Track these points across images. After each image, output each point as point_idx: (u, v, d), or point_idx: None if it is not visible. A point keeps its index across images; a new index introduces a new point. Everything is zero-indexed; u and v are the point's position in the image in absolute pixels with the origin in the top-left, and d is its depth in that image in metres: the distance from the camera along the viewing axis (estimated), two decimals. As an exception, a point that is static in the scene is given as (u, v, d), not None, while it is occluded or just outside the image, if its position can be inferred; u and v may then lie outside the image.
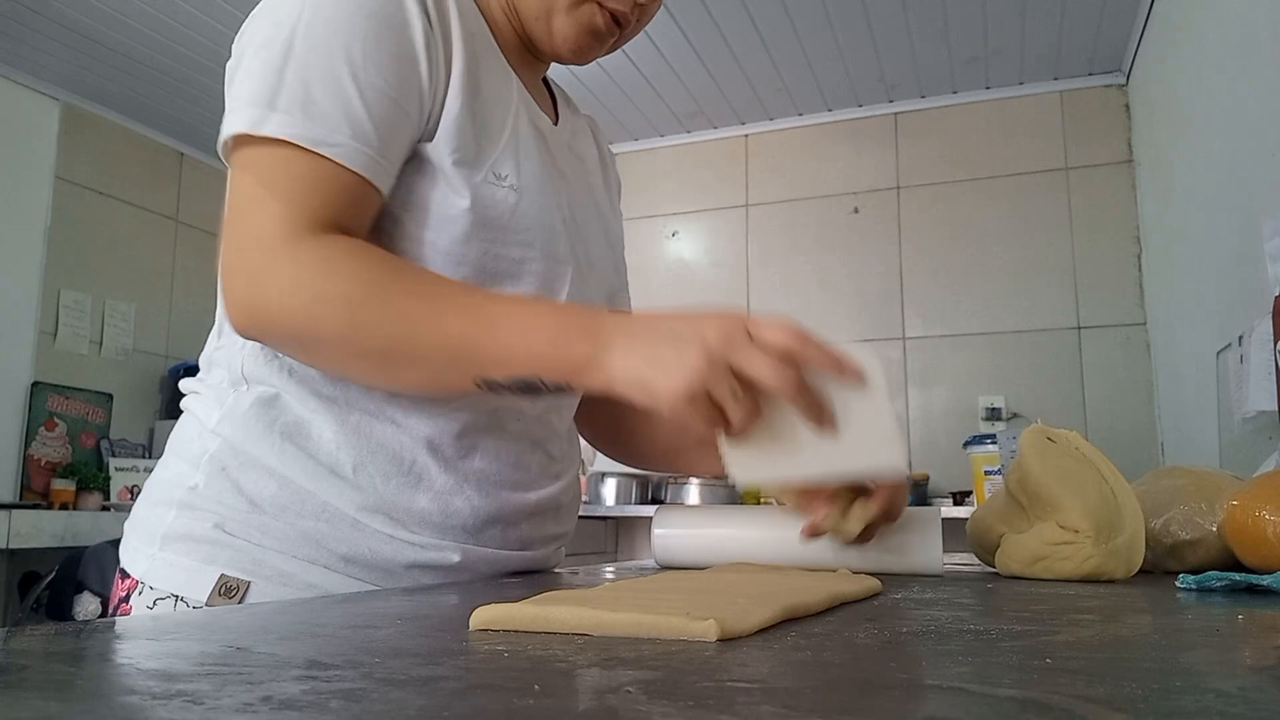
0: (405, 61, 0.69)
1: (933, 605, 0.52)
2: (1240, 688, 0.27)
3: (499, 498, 0.77)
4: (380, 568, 0.71)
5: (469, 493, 0.75)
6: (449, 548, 0.74)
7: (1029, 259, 3.19)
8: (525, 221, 0.76)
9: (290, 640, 0.35)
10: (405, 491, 0.72)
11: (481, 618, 0.40)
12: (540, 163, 0.79)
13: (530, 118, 0.80)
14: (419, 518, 0.73)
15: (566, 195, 0.82)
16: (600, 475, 3.03)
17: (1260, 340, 1.64)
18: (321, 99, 0.65)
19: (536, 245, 0.77)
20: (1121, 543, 0.70)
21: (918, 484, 2.97)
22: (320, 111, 0.65)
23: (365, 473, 0.71)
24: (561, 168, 0.83)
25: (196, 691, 0.26)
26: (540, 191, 0.78)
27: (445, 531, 0.74)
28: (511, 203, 0.75)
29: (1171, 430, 2.79)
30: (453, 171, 0.72)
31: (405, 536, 0.72)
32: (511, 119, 0.77)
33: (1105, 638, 0.39)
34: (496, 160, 0.75)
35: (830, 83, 3.30)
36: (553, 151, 0.83)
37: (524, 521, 0.80)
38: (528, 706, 0.25)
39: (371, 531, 0.71)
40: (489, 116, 0.75)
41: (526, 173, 0.77)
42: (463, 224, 0.72)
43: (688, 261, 3.63)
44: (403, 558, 0.72)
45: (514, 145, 0.76)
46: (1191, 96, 2.35)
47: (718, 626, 0.36)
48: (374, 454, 0.72)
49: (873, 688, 0.27)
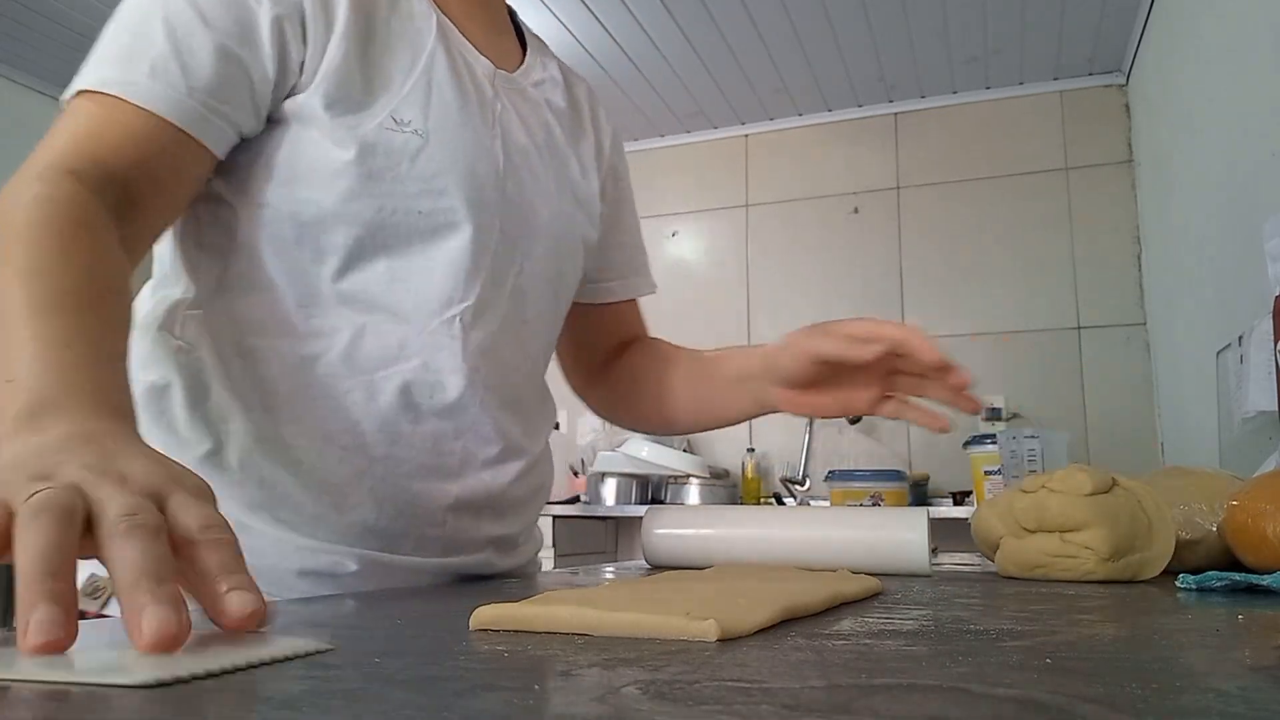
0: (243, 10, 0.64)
1: (933, 605, 0.52)
2: (1240, 688, 0.27)
3: (408, 491, 0.69)
4: (266, 574, 0.52)
5: (370, 485, 0.67)
6: (342, 553, 0.67)
7: (1029, 259, 3.19)
8: (433, 168, 0.69)
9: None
10: (294, 487, 0.66)
11: (481, 618, 0.40)
12: (461, 106, 0.73)
13: (455, 59, 0.74)
14: (311, 518, 0.66)
15: (503, 142, 0.76)
16: (600, 475, 3.03)
17: (1260, 340, 1.64)
18: (132, 46, 0.62)
19: (453, 193, 0.70)
20: (1135, 559, 0.70)
21: (918, 484, 2.97)
22: (124, 57, 0.62)
23: (250, 466, 0.65)
24: (504, 114, 0.77)
25: (196, 692, 0.26)
26: (457, 135, 0.71)
27: (341, 533, 0.67)
28: (414, 148, 0.69)
29: (1171, 430, 2.79)
30: (333, 123, 0.66)
31: (293, 539, 0.66)
32: (425, 60, 0.72)
33: (1105, 638, 0.39)
34: (399, 105, 0.69)
35: (830, 83, 3.30)
36: (495, 95, 0.77)
37: (447, 520, 0.72)
38: (528, 706, 0.25)
39: (257, 533, 0.64)
40: (388, 61, 0.70)
41: (438, 116, 0.71)
42: (348, 179, 0.66)
43: (688, 261, 3.63)
44: (290, 564, 0.65)
45: (424, 88, 0.71)
46: (1191, 96, 2.35)
47: (718, 626, 0.36)
48: (260, 443, 0.66)
49: (873, 688, 0.27)
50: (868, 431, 3.26)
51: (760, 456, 3.31)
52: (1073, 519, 0.70)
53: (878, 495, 2.68)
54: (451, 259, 0.71)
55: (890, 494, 2.70)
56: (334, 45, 0.67)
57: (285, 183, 0.67)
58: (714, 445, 3.38)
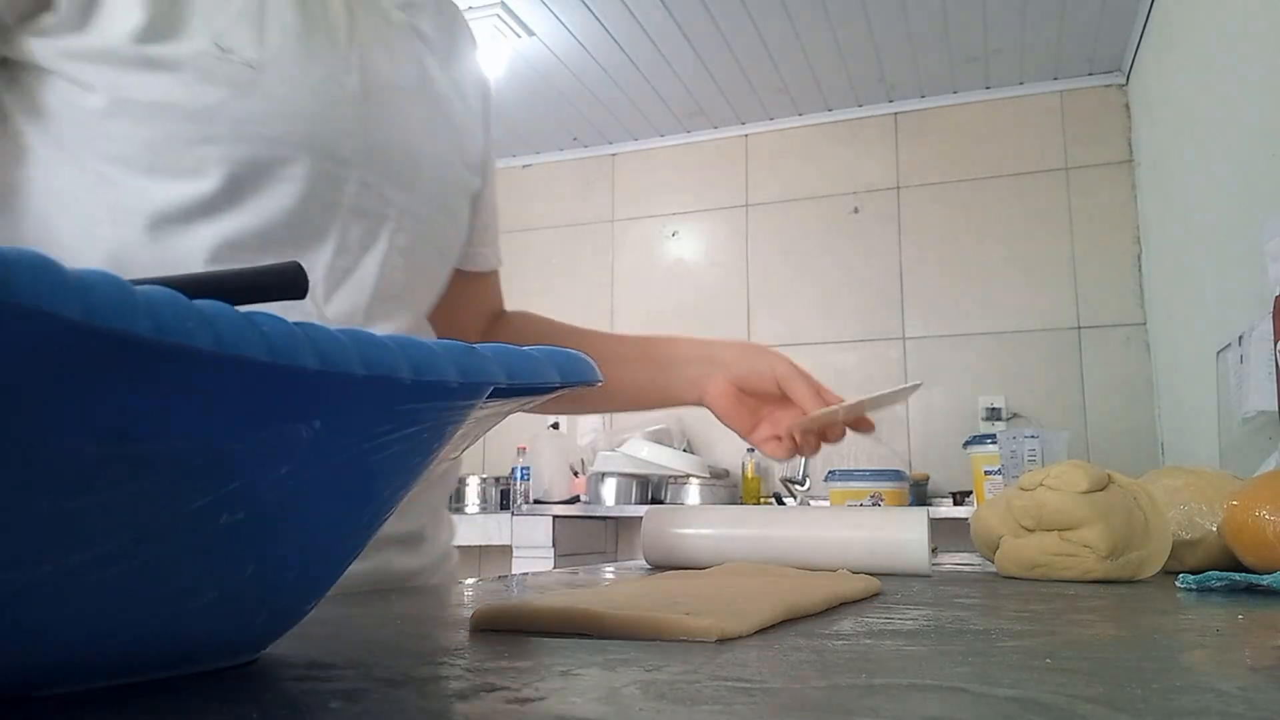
0: None
1: (933, 605, 0.52)
2: (1240, 688, 0.27)
3: None
4: None
5: None
6: None
7: (1029, 259, 3.19)
8: (269, 108, 0.58)
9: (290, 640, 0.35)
10: None
11: (481, 618, 0.40)
12: (305, 29, 0.61)
13: None
14: None
15: (362, 75, 0.64)
16: (600, 475, 3.03)
17: (1260, 340, 1.64)
18: None
19: (292, 139, 0.59)
20: (1134, 557, 0.70)
21: (918, 484, 2.97)
22: None
23: None
24: (364, 41, 0.65)
25: (196, 692, 0.26)
26: (301, 67, 0.60)
27: None
28: (243, 82, 0.57)
29: (1171, 430, 2.79)
30: (134, 50, 0.54)
31: None
32: None
33: (1105, 638, 0.39)
34: (224, 30, 0.57)
35: (830, 83, 3.30)
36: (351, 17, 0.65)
37: None
38: (528, 706, 0.25)
39: None
40: None
41: (274, 44, 0.59)
42: (162, 121, 0.55)
43: (688, 261, 3.63)
44: None
45: (256, 7, 0.59)
46: (1191, 96, 2.35)
47: (718, 626, 0.36)
48: None
49: (873, 688, 0.27)
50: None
51: (760, 456, 3.31)
52: (1070, 516, 0.70)
53: (878, 495, 2.68)
54: (291, 221, 0.60)
55: (890, 494, 2.70)
56: None
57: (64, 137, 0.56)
58: (714, 445, 3.38)
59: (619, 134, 3.67)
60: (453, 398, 0.27)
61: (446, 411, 0.28)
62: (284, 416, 0.23)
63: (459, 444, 0.32)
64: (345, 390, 0.24)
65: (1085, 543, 0.69)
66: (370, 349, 0.24)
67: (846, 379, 3.27)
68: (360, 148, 0.63)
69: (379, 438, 0.26)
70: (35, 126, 0.57)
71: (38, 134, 0.57)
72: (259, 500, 0.24)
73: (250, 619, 0.28)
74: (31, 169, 0.57)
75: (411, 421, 0.27)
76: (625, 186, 3.75)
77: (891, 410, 3.24)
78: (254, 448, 0.23)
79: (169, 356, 0.19)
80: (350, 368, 0.23)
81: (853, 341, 3.35)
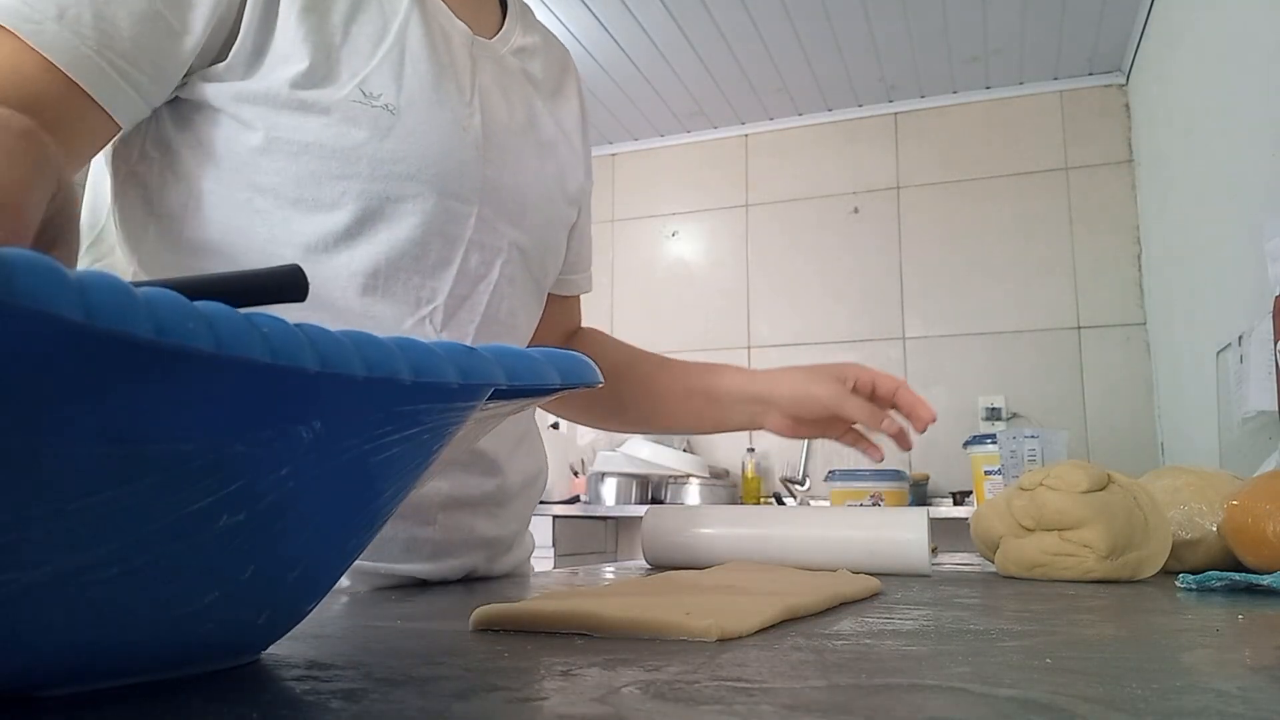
0: None
1: (933, 605, 0.52)
2: (1240, 688, 0.27)
3: None
4: None
5: None
6: None
7: (1029, 259, 3.19)
8: (403, 148, 0.64)
9: (290, 640, 0.35)
10: None
11: (481, 618, 0.40)
12: (437, 78, 0.66)
13: (431, 24, 0.68)
14: None
15: (483, 118, 0.69)
16: (600, 475, 3.03)
17: (1260, 340, 1.64)
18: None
19: (423, 177, 0.65)
20: (1134, 557, 0.70)
21: (918, 484, 2.97)
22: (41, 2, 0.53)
23: None
24: (483, 86, 0.71)
25: (196, 692, 0.26)
26: (433, 111, 0.65)
27: None
28: (383, 125, 0.63)
29: (1171, 430, 2.79)
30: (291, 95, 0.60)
31: None
32: (399, 24, 0.66)
33: (1105, 638, 0.39)
34: (368, 77, 0.63)
35: (830, 83, 3.30)
36: (474, 65, 0.71)
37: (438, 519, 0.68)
38: (528, 706, 0.25)
39: None
40: (354, 27, 0.64)
41: (412, 88, 0.65)
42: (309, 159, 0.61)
43: (688, 261, 3.63)
44: None
45: (396, 57, 0.65)
46: (1191, 96, 2.35)
47: (718, 626, 0.36)
48: None
49: (873, 688, 0.27)
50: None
51: (760, 456, 3.31)
52: (1070, 516, 0.70)
53: (878, 495, 2.68)
54: (418, 252, 0.66)
55: (890, 494, 2.70)
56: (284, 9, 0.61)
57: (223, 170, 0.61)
58: (714, 445, 3.38)
59: (619, 134, 3.66)
60: (453, 399, 0.27)
61: (447, 413, 0.28)
62: (285, 418, 0.23)
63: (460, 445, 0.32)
64: (346, 391, 0.24)
65: (1085, 543, 0.69)
66: (371, 350, 0.24)
67: (846, 379, 3.26)
68: (479, 186, 0.69)
69: (379, 439, 0.26)
70: (199, 160, 0.62)
71: (200, 167, 0.62)
72: (260, 501, 0.24)
73: (251, 620, 0.28)
74: (193, 199, 0.63)
75: (412, 423, 0.27)
76: (625, 186, 3.75)
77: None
78: (255, 449, 0.23)
79: (169, 358, 0.19)
80: (351, 369, 0.23)
81: (853, 341, 3.34)
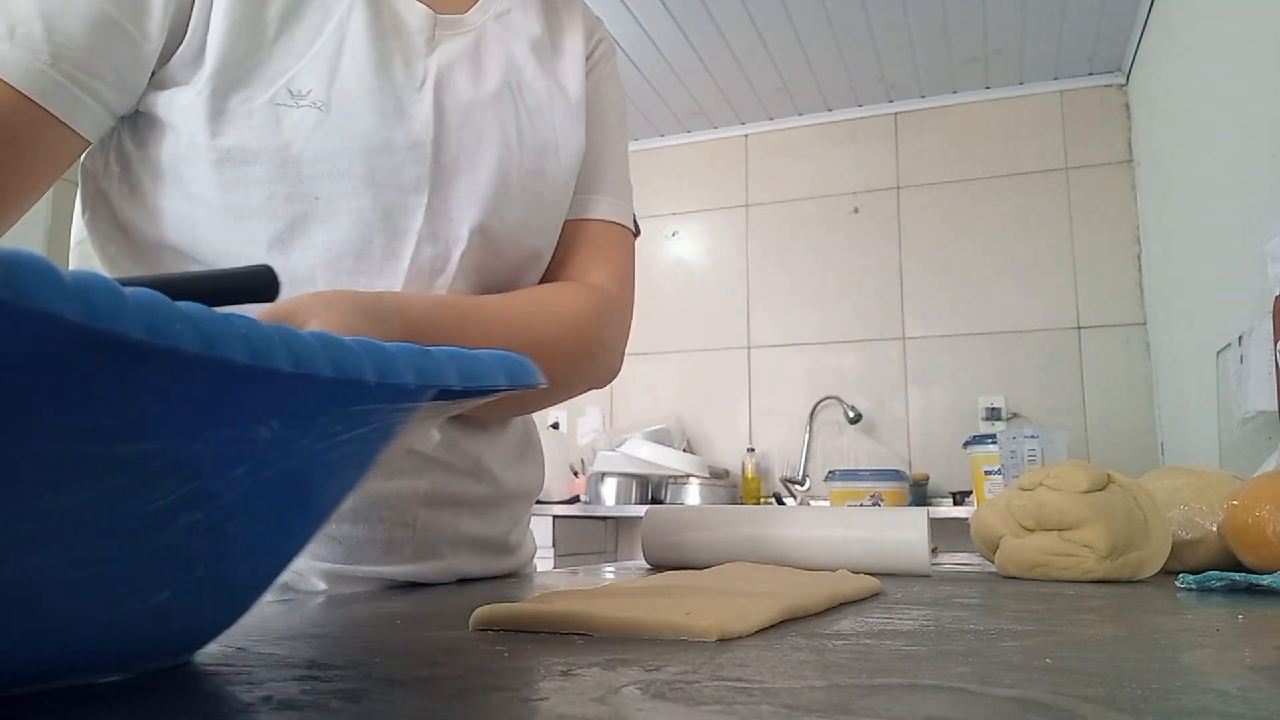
0: None
1: (933, 605, 0.52)
2: (1240, 688, 0.27)
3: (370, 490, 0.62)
4: None
5: None
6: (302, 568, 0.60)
7: (1029, 259, 3.19)
8: (334, 144, 0.60)
9: (290, 640, 0.35)
10: None
11: (481, 617, 0.40)
12: (378, 68, 0.63)
13: (380, 9, 0.65)
14: None
15: (435, 101, 0.65)
16: (600, 475, 3.03)
17: (1260, 340, 1.64)
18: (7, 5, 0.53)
19: (354, 172, 0.61)
20: (1134, 557, 0.70)
21: (918, 484, 2.97)
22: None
23: None
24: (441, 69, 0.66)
25: (196, 692, 0.26)
26: (370, 101, 0.62)
27: None
28: (311, 123, 0.60)
29: (1171, 430, 2.79)
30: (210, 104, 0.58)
31: None
32: (339, 15, 0.63)
33: (1105, 638, 0.39)
34: (297, 74, 0.60)
35: (830, 83, 3.30)
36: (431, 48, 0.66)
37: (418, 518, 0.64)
38: (528, 706, 0.25)
39: None
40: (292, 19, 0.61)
41: (347, 81, 0.61)
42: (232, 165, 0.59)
43: (688, 261, 3.63)
44: None
45: (333, 49, 0.62)
46: (1191, 96, 2.35)
47: (718, 626, 0.36)
48: None
49: (873, 688, 0.27)
50: (868, 431, 3.26)
51: (760, 456, 3.31)
52: (1070, 516, 0.70)
53: (878, 495, 2.68)
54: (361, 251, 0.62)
55: (890, 494, 2.70)
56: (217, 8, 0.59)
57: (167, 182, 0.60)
58: (714, 445, 3.38)
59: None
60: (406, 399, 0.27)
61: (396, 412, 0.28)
62: (249, 417, 0.23)
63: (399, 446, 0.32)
64: (309, 392, 0.24)
65: (1085, 543, 0.69)
66: (339, 352, 0.24)
67: (846, 379, 3.27)
68: (427, 174, 0.64)
69: (332, 437, 0.26)
70: (150, 174, 0.61)
71: (152, 181, 0.61)
72: (215, 500, 0.24)
73: (195, 619, 0.28)
74: (149, 214, 0.62)
75: (364, 422, 0.27)
76: (625, 186, 3.74)
77: (891, 410, 3.24)
78: (216, 447, 0.23)
79: (152, 358, 0.20)
80: (320, 369, 0.23)
81: (852, 341, 3.34)
